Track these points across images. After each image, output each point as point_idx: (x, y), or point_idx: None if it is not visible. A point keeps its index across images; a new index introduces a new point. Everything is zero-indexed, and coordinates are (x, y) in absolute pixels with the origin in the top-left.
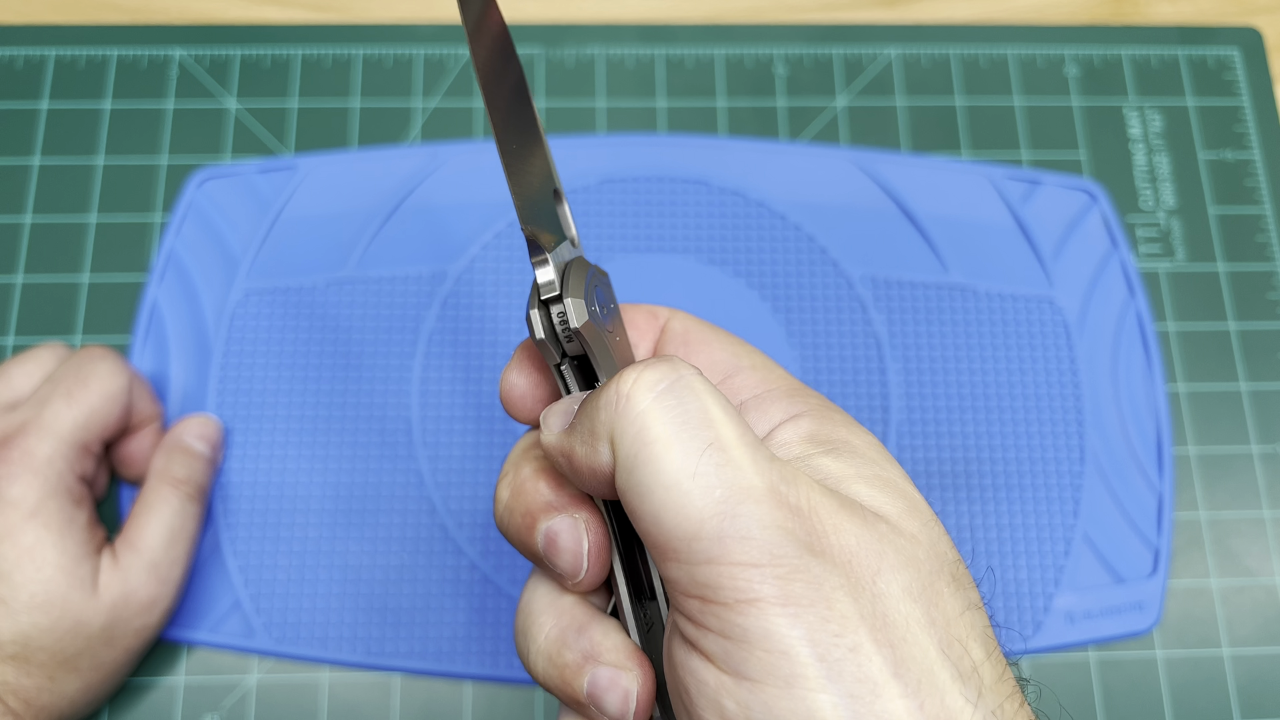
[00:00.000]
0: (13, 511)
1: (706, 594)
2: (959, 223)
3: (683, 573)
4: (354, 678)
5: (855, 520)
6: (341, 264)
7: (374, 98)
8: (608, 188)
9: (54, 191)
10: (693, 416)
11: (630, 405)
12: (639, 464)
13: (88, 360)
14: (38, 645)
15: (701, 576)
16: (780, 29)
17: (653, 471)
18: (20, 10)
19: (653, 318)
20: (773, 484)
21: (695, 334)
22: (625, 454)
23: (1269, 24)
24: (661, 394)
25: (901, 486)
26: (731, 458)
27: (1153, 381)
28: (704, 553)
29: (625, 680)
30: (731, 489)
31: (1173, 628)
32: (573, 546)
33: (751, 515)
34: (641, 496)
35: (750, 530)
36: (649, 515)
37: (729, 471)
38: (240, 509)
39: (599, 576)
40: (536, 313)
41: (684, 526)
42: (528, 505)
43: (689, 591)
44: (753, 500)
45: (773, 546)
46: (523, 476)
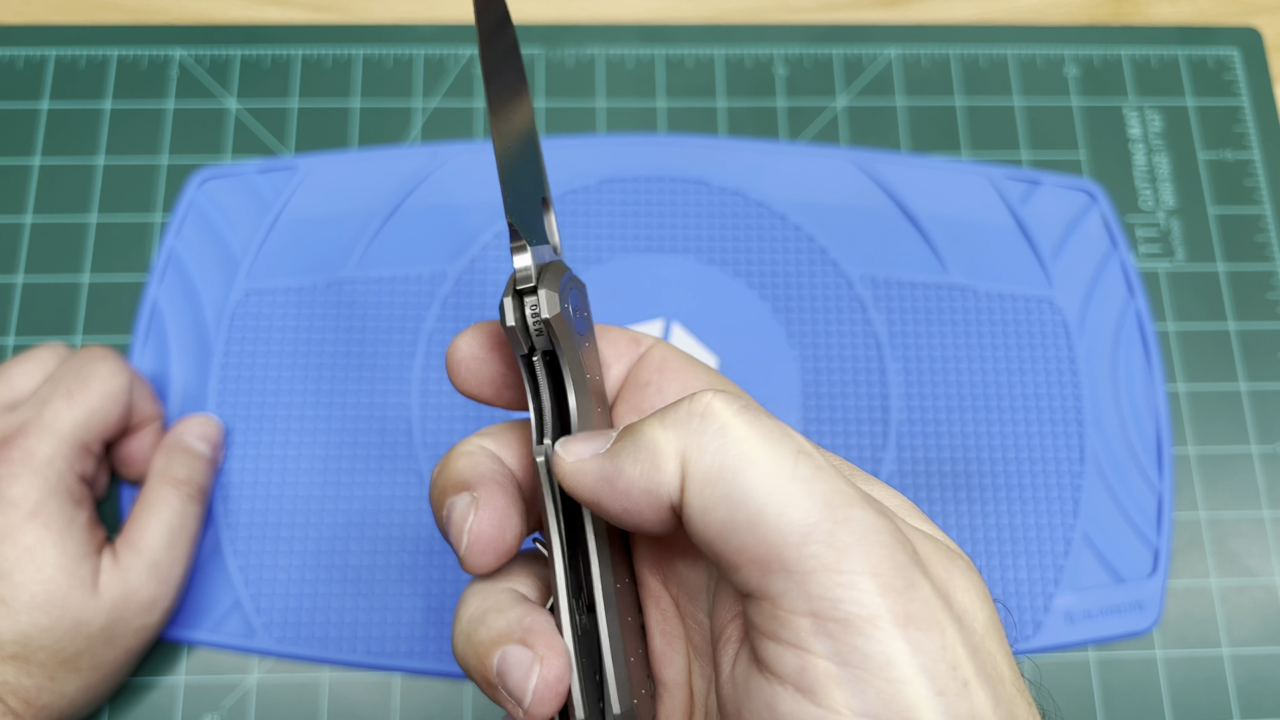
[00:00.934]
0: (13, 511)
1: (822, 609)
2: (959, 223)
3: (791, 585)
4: (354, 677)
5: (939, 549)
6: (342, 264)
7: (374, 98)
8: (608, 188)
9: (54, 191)
10: (773, 430)
11: (711, 419)
12: (726, 476)
13: (88, 360)
14: (38, 645)
15: (816, 587)
16: (780, 29)
17: (747, 480)
18: (20, 10)
19: (634, 343)
20: (867, 497)
21: (672, 363)
22: (708, 467)
23: (1269, 24)
24: (740, 410)
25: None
26: (824, 464)
27: (1152, 381)
28: (817, 558)
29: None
30: (836, 491)
31: (1172, 627)
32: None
33: (862, 520)
34: (734, 506)
35: (864, 534)
36: (743, 525)
37: (827, 474)
38: (241, 509)
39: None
40: (510, 300)
41: (793, 529)
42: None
43: (798, 607)
44: (860, 505)
45: (892, 554)
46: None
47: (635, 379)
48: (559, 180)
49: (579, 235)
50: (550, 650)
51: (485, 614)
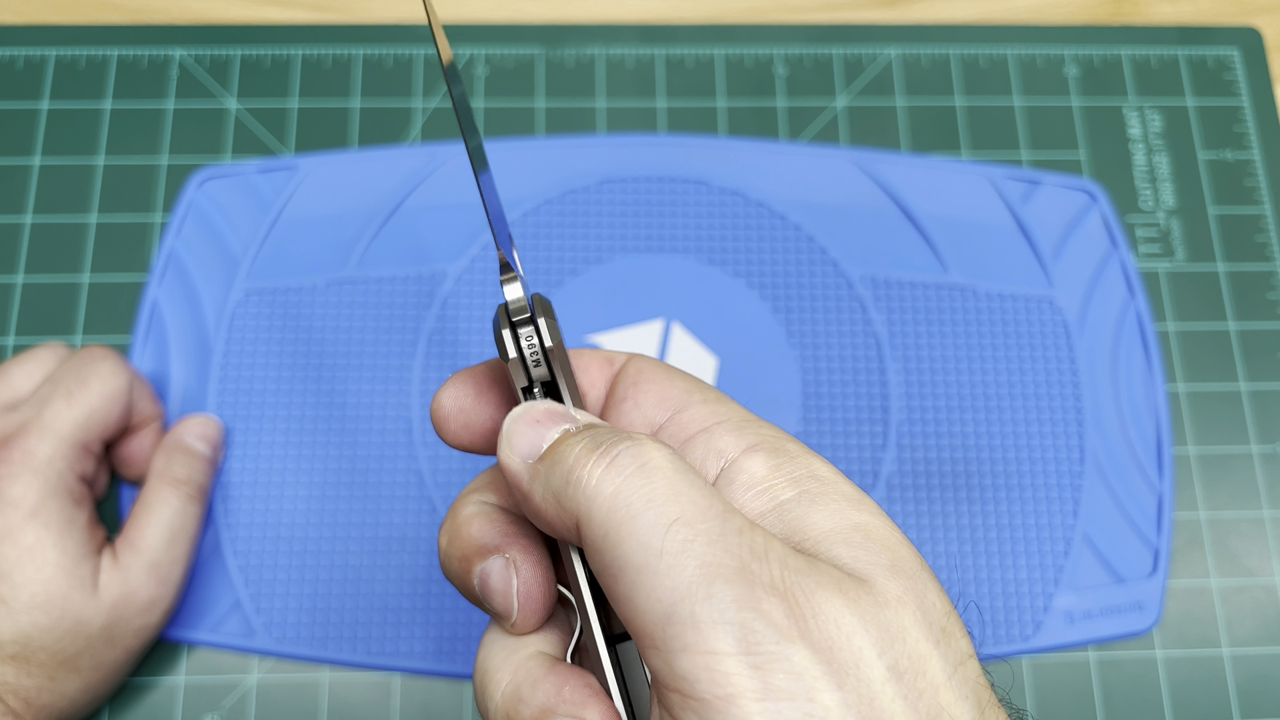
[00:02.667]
0: (13, 511)
1: (683, 688)
2: (959, 223)
3: (660, 662)
4: (354, 677)
5: (835, 599)
6: (342, 264)
7: (374, 98)
8: (608, 188)
9: (54, 191)
10: (658, 494)
11: (599, 490)
12: (608, 546)
13: (88, 360)
14: (38, 645)
15: (679, 667)
16: (780, 29)
17: (623, 553)
18: (21, 10)
19: (608, 365)
20: (744, 562)
21: (648, 374)
22: (595, 534)
23: (1268, 24)
24: (630, 475)
25: (883, 535)
26: (700, 532)
27: (1152, 381)
28: (679, 639)
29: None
30: (702, 567)
31: (1172, 628)
32: (502, 588)
33: (726, 596)
34: (614, 578)
35: (725, 613)
36: (624, 598)
37: (699, 546)
38: (241, 509)
39: (534, 618)
40: (508, 333)
41: (656, 610)
42: (463, 549)
43: (668, 684)
44: (725, 580)
45: (749, 632)
46: (459, 521)
47: (614, 395)
48: (559, 180)
49: (579, 235)
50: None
51: (519, 688)
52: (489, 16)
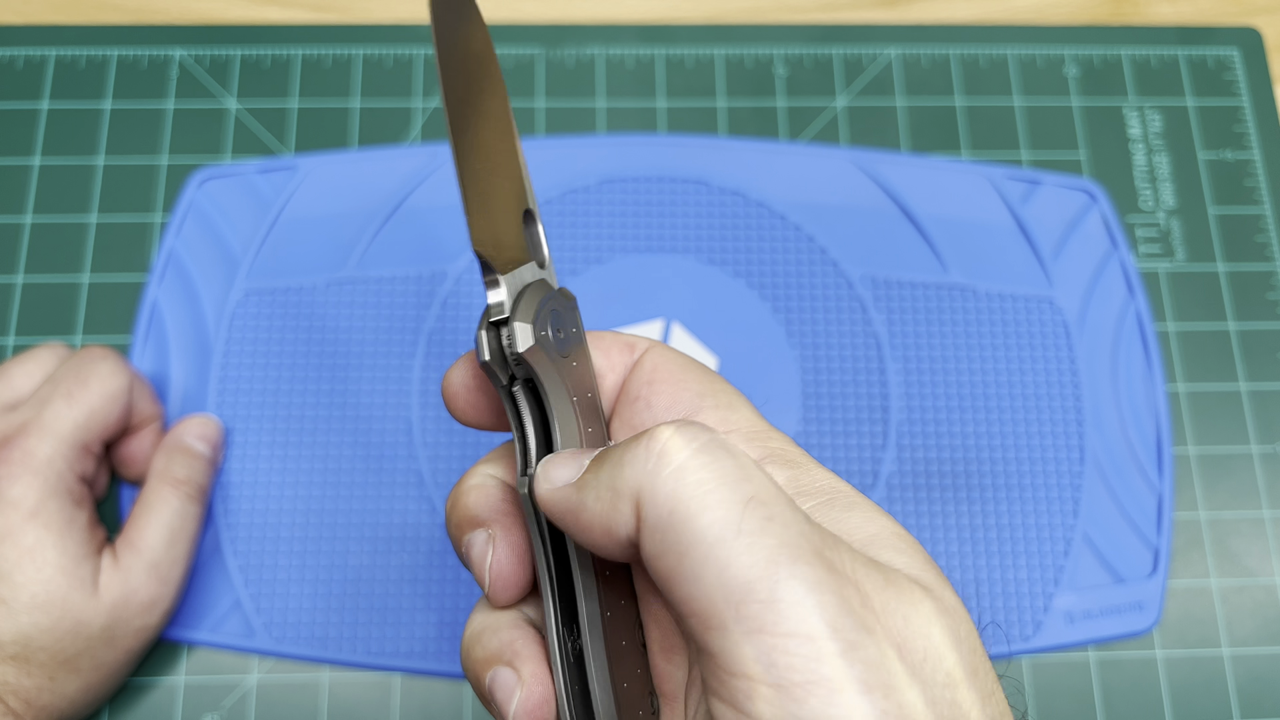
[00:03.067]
0: (13, 512)
1: (755, 671)
2: (959, 223)
3: (729, 644)
4: (354, 677)
5: (901, 595)
6: (342, 264)
7: (374, 98)
8: (608, 188)
9: (54, 191)
10: (730, 473)
11: (664, 462)
12: (675, 522)
13: (88, 360)
14: (38, 645)
15: (750, 650)
16: (780, 29)
17: (693, 529)
18: (21, 10)
19: (628, 350)
20: (818, 546)
21: (664, 370)
22: (658, 513)
23: (1268, 24)
24: (697, 451)
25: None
26: (775, 513)
27: (1152, 381)
28: (755, 619)
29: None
30: (781, 545)
31: (1172, 628)
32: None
33: (805, 577)
34: (680, 556)
35: (805, 595)
36: (688, 576)
37: (777, 526)
38: (240, 509)
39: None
40: (485, 333)
41: (731, 587)
42: (459, 517)
43: (733, 669)
44: (805, 560)
45: (832, 615)
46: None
47: (627, 392)
48: (559, 180)
49: (579, 235)
50: (533, 677)
51: (482, 633)
52: (489, 16)
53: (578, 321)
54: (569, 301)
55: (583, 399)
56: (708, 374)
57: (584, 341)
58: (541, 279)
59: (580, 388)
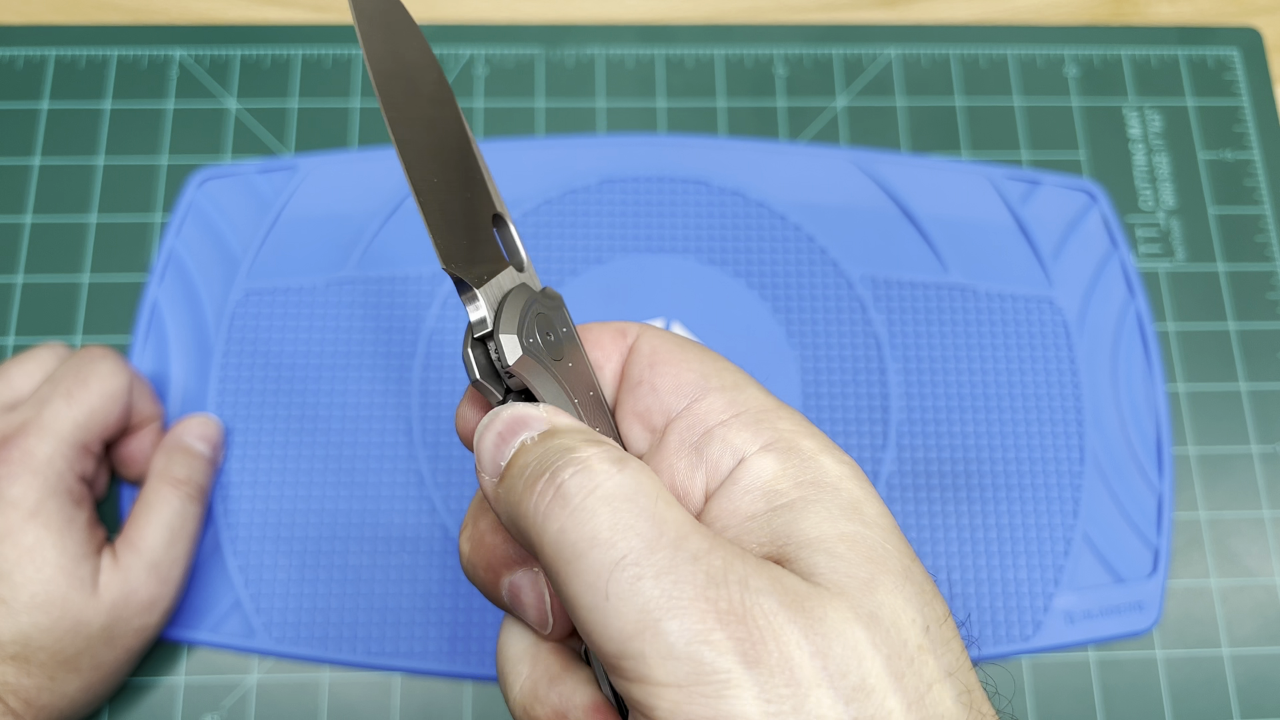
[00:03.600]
0: (13, 511)
1: (644, 712)
2: (959, 223)
3: (621, 687)
4: (354, 677)
5: (801, 618)
6: (341, 264)
7: (374, 98)
8: (608, 188)
9: (54, 191)
10: (602, 531)
11: (548, 523)
12: (558, 584)
13: (88, 360)
14: (38, 645)
15: (636, 696)
16: (780, 29)
17: (570, 593)
18: (21, 10)
19: (620, 336)
20: (699, 590)
21: (663, 353)
22: (547, 566)
23: (1268, 24)
24: (574, 511)
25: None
26: (647, 569)
27: (1152, 381)
28: (633, 671)
29: None
30: (647, 607)
31: (1172, 628)
32: (535, 602)
33: (675, 632)
34: (570, 610)
35: (674, 648)
36: (580, 628)
37: (645, 585)
38: (240, 509)
39: (568, 626)
40: (472, 352)
41: (609, 646)
42: (489, 559)
43: (634, 707)
44: (672, 615)
45: (698, 665)
46: (481, 530)
47: (628, 378)
48: (559, 180)
49: (579, 235)
50: None
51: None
52: (489, 16)
53: (567, 320)
54: (554, 302)
55: (584, 398)
56: (707, 353)
57: (576, 340)
58: (521, 283)
59: (580, 387)
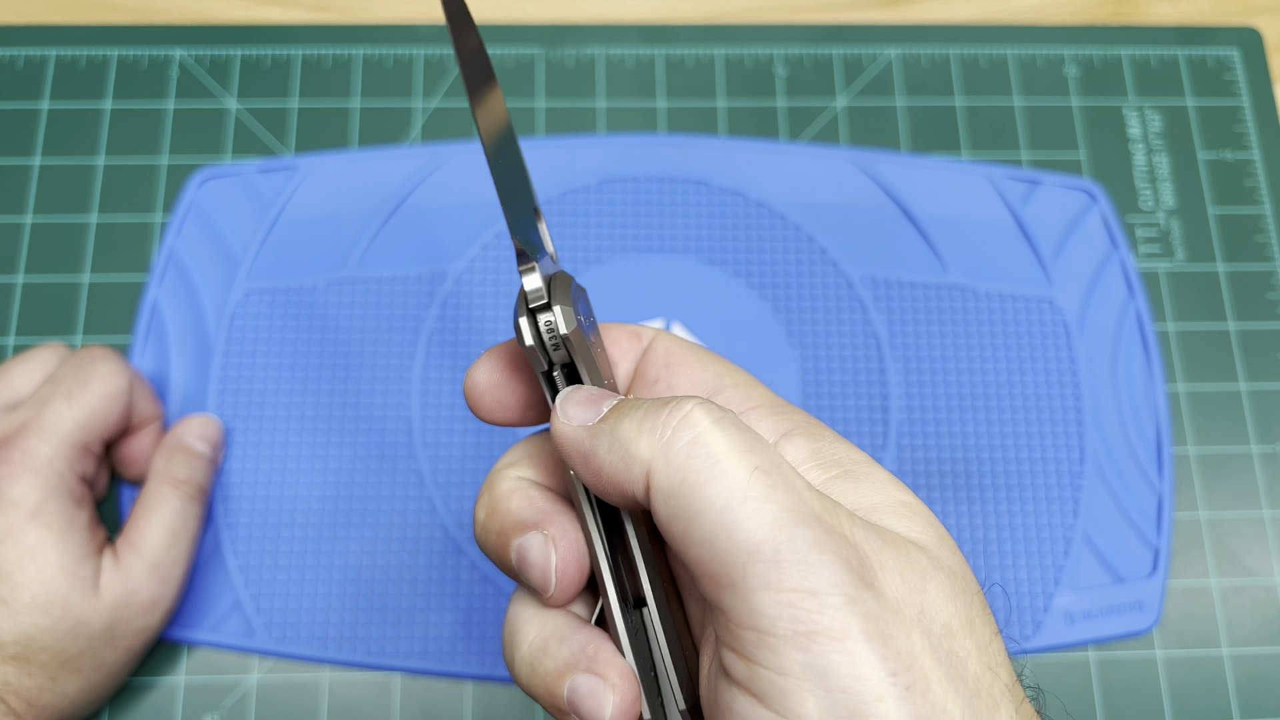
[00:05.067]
0: (14, 512)
1: (762, 624)
2: (959, 223)
3: (738, 601)
4: (354, 677)
5: (898, 555)
6: (342, 264)
7: (374, 98)
8: (608, 188)
9: (55, 191)
10: (736, 446)
11: (676, 437)
12: (685, 490)
13: (89, 360)
14: (39, 645)
15: (758, 604)
16: (780, 29)
17: (703, 496)
18: (21, 10)
19: (635, 338)
20: (818, 512)
21: (678, 355)
22: (669, 480)
23: (1268, 24)
24: (710, 425)
25: (925, 513)
26: (779, 481)
27: (1152, 381)
28: (760, 576)
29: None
30: (784, 510)
31: (1172, 627)
32: (541, 562)
33: (806, 539)
34: (690, 520)
35: (807, 554)
36: (699, 539)
37: (779, 493)
38: (241, 509)
39: (569, 592)
40: (525, 320)
41: (740, 548)
42: (501, 524)
43: (743, 622)
44: (806, 524)
45: (831, 573)
46: (497, 495)
47: (643, 374)
48: (559, 180)
49: (579, 235)
50: (621, 678)
51: (547, 642)
52: (489, 16)
53: (592, 311)
54: (583, 291)
55: (609, 382)
56: (719, 357)
57: (598, 330)
58: (559, 270)
59: (605, 371)
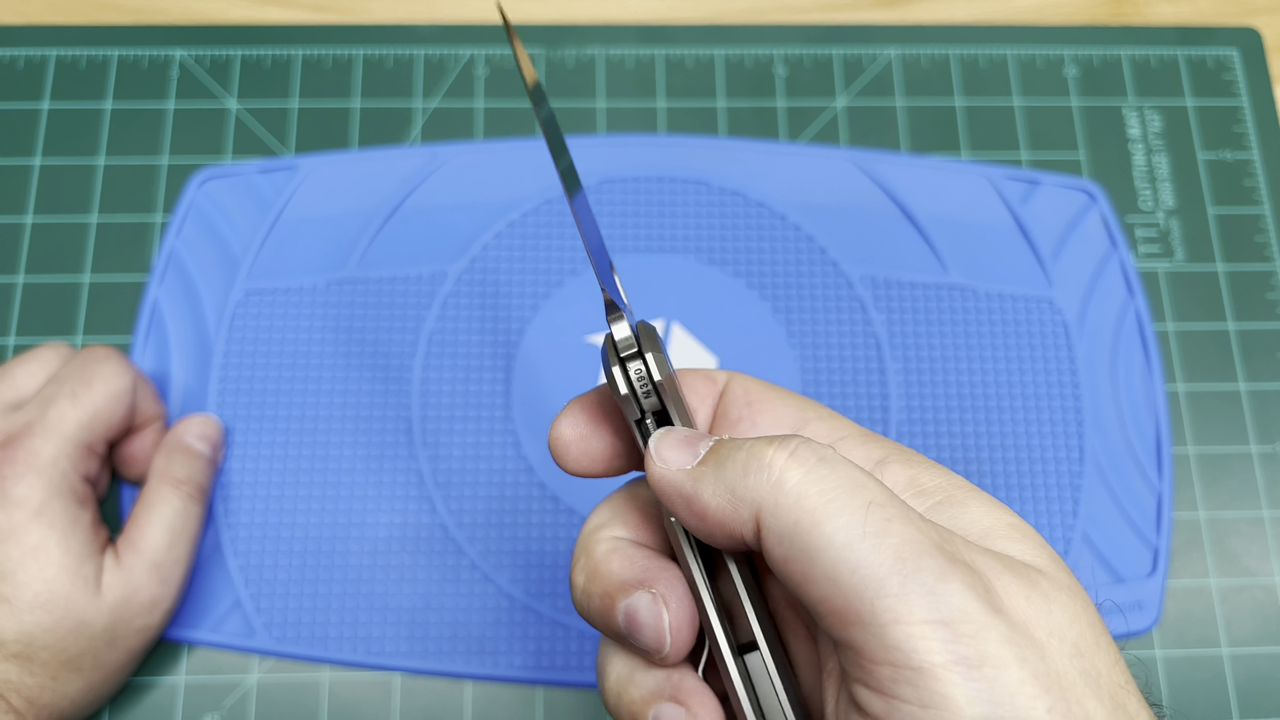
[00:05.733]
0: (17, 511)
1: (898, 658)
2: (958, 223)
3: (869, 636)
4: (354, 677)
5: (1020, 579)
6: (342, 264)
7: (374, 98)
8: (608, 188)
9: (55, 192)
10: (846, 481)
11: (785, 478)
12: (800, 531)
13: (92, 360)
14: (41, 645)
15: (891, 639)
16: (780, 29)
17: (820, 535)
18: (21, 11)
19: (711, 382)
20: (938, 541)
21: (756, 394)
22: (782, 523)
23: (1268, 24)
24: (816, 463)
25: (1034, 534)
26: (894, 513)
27: (1152, 381)
28: (890, 611)
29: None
30: (905, 543)
31: (1172, 627)
32: (653, 622)
33: (931, 569)
34: (810, 560)
35: (934, 585)
36: (820, 578)
37: (898, 526)
38: (241, 509)
39: (684, 649)
40: (618, 369)
41: (866, 585)
42: (604, 586)
43: (877, 658)
44: (928, 554)
45: (960, 600)
46: (596, 559)
47: (724, 415)
48: (559, 181)
49: (579, 235)
50: (703, 708)
51: (634, 672)
52: (489, 16)
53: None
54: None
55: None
56: (795, 394)
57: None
58: (641, 320)
59: (693, 415)
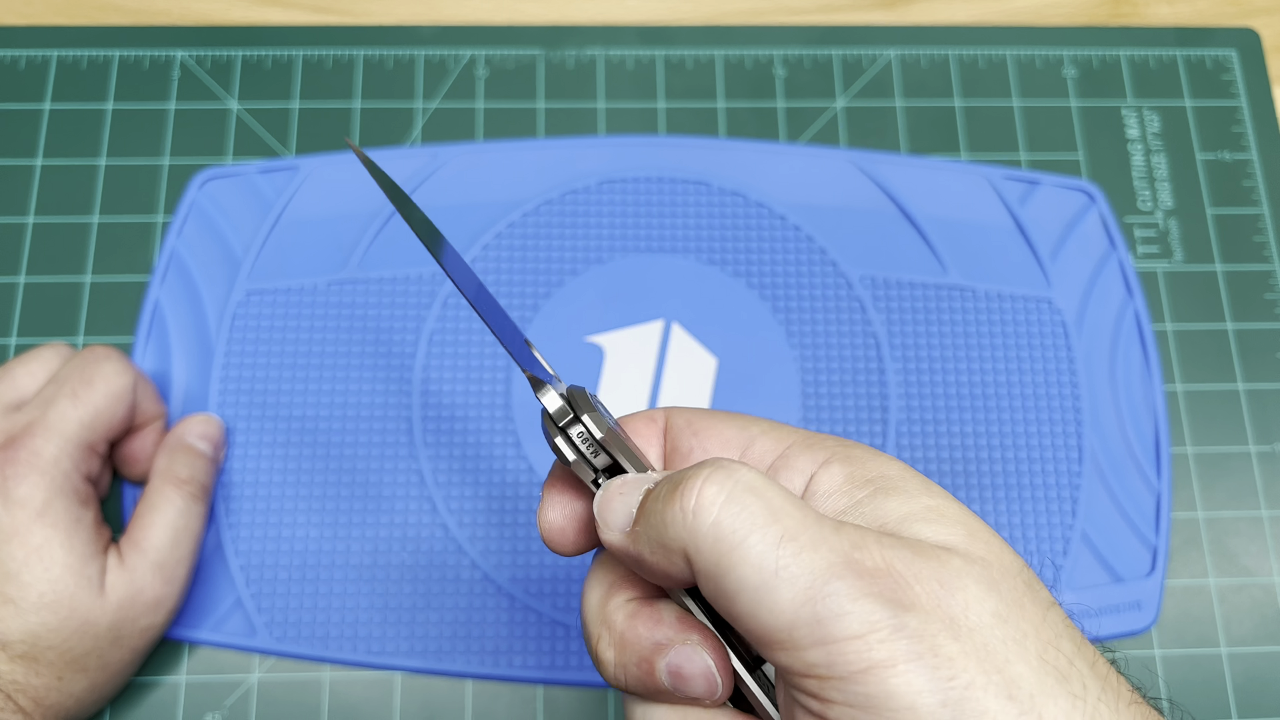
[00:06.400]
0: (20, 511)
1: (821, 672)
2: (958, 223)
3: (794, 658)
4: (355, 676)
5: (931, 562)
6: (342, 264)
7: (375, 99)
8: (608, 188)
9: (56, 192)
10: (758, 516)
11: (699, 520)
12: (721, 571)
13: (93, 360)
14: (46, 644)
15: (812, 658)
16: (780, 30)
17: (737, 576)
18: (23, 12)
19: (651, 422)
20: (847, 555)
21: (699, 422)
22: (705, 564)
23: (1266, 25)
24: (725, 503)
25: (953, 513)
26: (806, 541)
27: (1151, 381)
28: (808, 637)
29: None
30: (815, 572)
31: (1171, 627)
32: (703, 671)
33: (841, 591)
34: (732, 598)
35: (844, 606)
36: (744, 614)
37: (808, 555)
38: (242, 508)
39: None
40: (560, 440)
41: (781, 619)
42: (639, 653)
43: (806, 673)
44: (837, 576)
45: (868, 614)
46: (620, 628)
47: (675, 449)
48: (559, 181)
49: (579, 235)
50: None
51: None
52: (489, 17)
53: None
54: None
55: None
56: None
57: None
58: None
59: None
